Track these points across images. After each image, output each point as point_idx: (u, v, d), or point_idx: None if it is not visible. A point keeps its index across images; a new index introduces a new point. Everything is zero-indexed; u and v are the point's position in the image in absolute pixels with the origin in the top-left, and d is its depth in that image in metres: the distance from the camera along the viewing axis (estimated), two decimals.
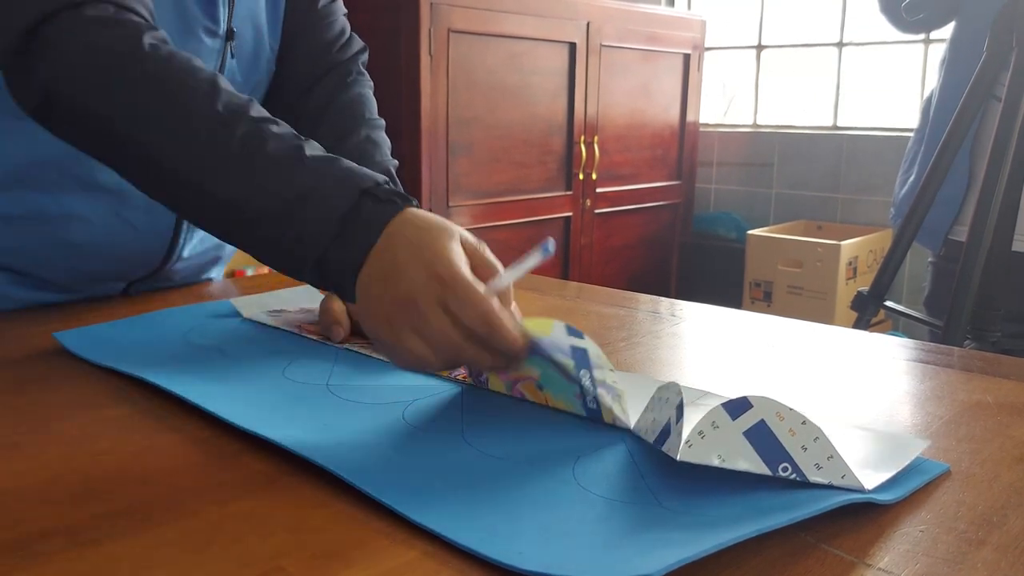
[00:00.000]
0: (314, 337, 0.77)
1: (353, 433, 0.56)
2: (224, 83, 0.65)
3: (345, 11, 1.00)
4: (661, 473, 0.50)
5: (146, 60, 0.64)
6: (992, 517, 0.47)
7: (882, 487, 0.49)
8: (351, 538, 0.44)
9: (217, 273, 1.09)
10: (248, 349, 0.74)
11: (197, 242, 0.97)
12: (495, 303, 0.56)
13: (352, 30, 1.02)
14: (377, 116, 0.95)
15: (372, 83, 0.98)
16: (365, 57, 0.99)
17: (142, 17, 0.69)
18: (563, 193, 2.99)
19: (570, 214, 3.02)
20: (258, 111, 0.64)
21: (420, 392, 0.64)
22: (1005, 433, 0.59)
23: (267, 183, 0.60)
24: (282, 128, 0.63)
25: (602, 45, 3.01)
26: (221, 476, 0.51)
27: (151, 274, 0.96)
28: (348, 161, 0.62)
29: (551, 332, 0.56)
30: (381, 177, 0.62)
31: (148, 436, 0.57)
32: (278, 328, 0.80)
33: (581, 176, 3.02)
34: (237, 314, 0.84)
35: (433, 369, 0.58)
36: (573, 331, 0.56)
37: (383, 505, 0.46)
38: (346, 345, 0.75)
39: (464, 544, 0.42)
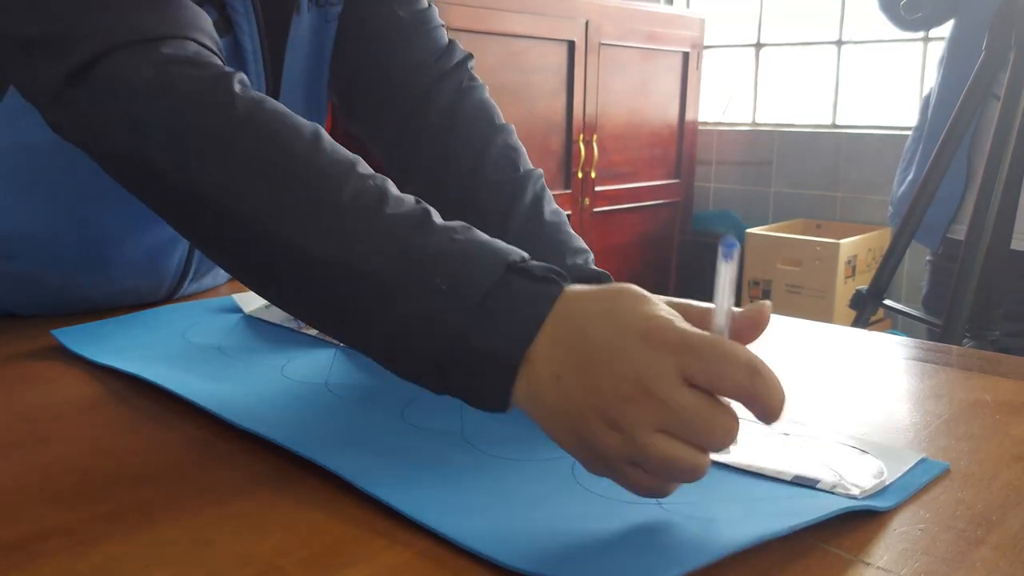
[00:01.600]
0: (312, 333, 0.77)
1: (352, 432, 0.56)
2: (326, 136, 0.55)
3: (442, 23, 0.88)
4: None
5: (240, 110, 0.54)
6: (991, 516, 0.47)
7: (878, 495, 0.48)
8: (350, 537, 0.44)
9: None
10: (247, 347, 0.74)
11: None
12: (744, 351, 0.42)
13: None
14: (504, 121, 0.83)
15: (486, 87, 0.87)
16: (473, 63, 0.88)
17: (216, 53, 0.60)
18: (562, 192, 2.99)
19: (569, 213, 3.02)
20: (366, 168, 0.53)
21: (420, 391, 0.63)
22: (1004, 432, 0.59)
23: (387, 245, 0.48)
24: (396, 189, 0.52)
25: (601, 43, 3.01)
26: (220, 475, 0.51)
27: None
28: (482, 233, 0.50)
29: None
30: (525, 254, 0.49)
31: (147, 435, 0.57)
32: (277, 324, 0.80)
33: (580, 175, 3.02)
34: (238, 310, 0.83)
35: (701, 470, 0.42)
36: None
37: (382, 504, 0.46)
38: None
39: (463, 543, 0.42)
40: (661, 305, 0.45)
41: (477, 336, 0.45)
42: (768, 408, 0.42)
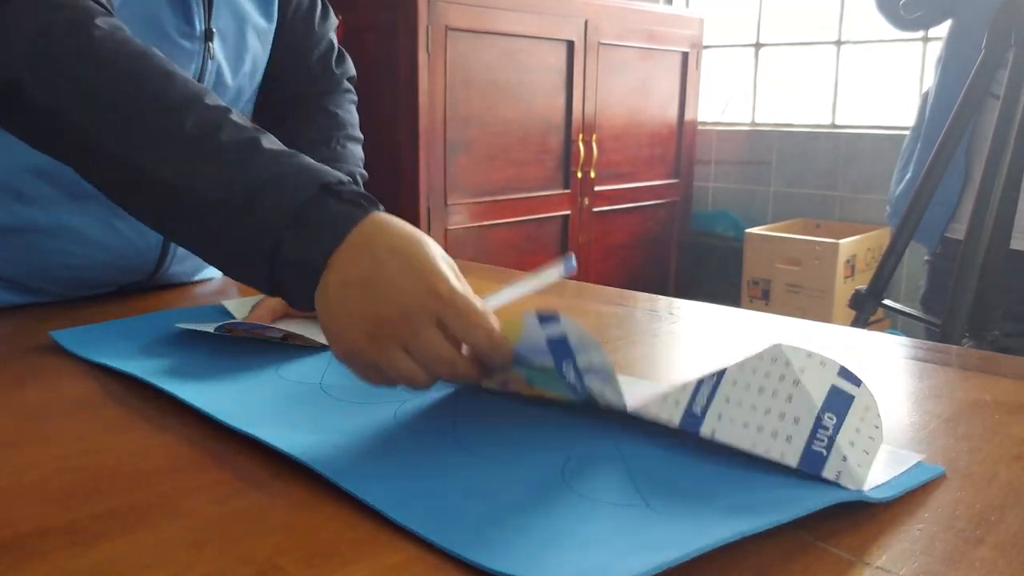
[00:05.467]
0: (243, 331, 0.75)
1: (344, 433, 0.56)
2: (178, 71, 0.62)
3: (336, 24, 1.05)
4: (651, 474, 0.50)
5: (96, 45, 0.62)
6: (990, 516, 0.47)
7: (874, 489, 0.48)
8: (348, 536, 0.44)
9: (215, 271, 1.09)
10: (244, 348, 0.74)
11: None
12: (494, 320, 0.54)
13: (350, 28, 1.04)
14: (359, 132, 1.00)
15: (356, 100, 1.05)
16: (354, 80, 1.06)
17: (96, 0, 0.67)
18: (561, 191, 2.99)
19: (568, 212, 3.02)
20: (213, 99, 0.61)
21: (413, 392, 0.63)
22: (1003, 432, 0.59)
23: (220, 171, 0.57)
24: (239, 118, 0.60)
25: (600, 43, 3.01)
26: (218, 475, 0.51)
27: (146, 279, 0.96)
28: (307, 157, 0.59)
29: (523, 331, 0.55)
30: (344, 176, 0.58)
31: (145, 435, 0.57)
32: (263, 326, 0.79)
33: (579, 174, 3.02)
34: (229, 315, 0.83)
35: (418, 386, 0.55)
36: (546, 318, 0.54)
37: None
38: (287, 338, 0.74)
39: (446, 546, 0.42)
40: (447, 261, 0.55)
41: (288, 247, 0.54)
42: (489, 363, 0.55)
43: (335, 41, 1.04)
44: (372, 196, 0.57)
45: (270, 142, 0.59)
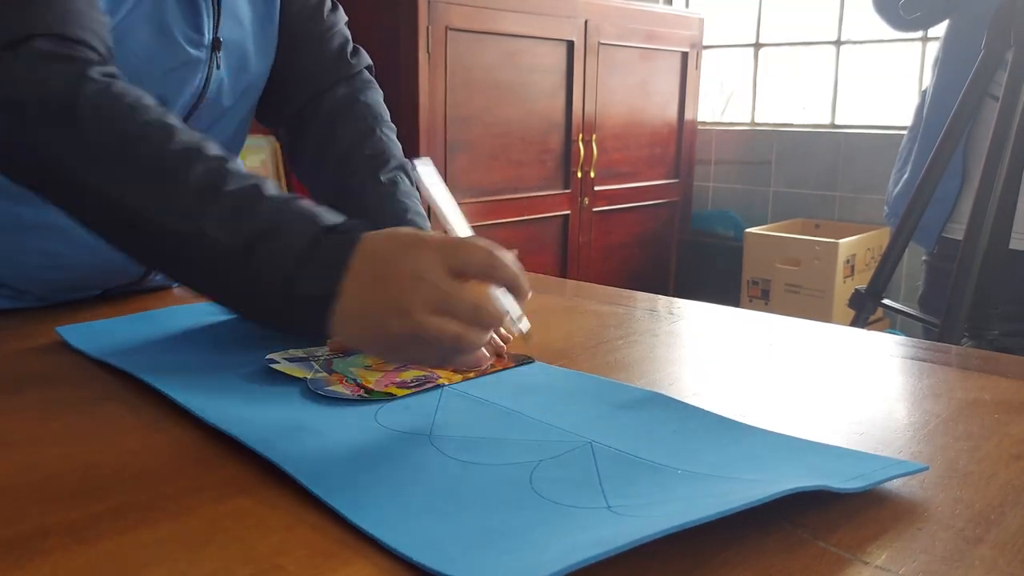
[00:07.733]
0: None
1: (328, 435, 0.56)
2: (176, 120, 0.64)
3: (346, 19, 1.02)
4: (620, 477, 0.50)
5: (92, 98, 0.62)
6: (990, 515, 0.47)
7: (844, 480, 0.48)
8: (349, 535, 0.44)
9: None
10: (242, 346, 0.74)
11: None
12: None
13: (351, 28, 1.03)
14: (390, 120, 0.98)
15: (381, 92, 1.01)
16: (372, 70, 1.02)
17: (92, 47, 0.66)
18: (561, 191, 2.99)
19: (568, 212, 3.02)
20: (213, 149, 0.63)
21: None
22: (1003, 431, 0.59)
23: (227, 218, 0.59)
24: (238, 166, 0.63)
25: (600, 43, 3.01)
26: (219, 474, 0.51)
27: (133, 282, 0.95)
28: (306, 200, 0.62)
29: None
30: (339, 218, 0.61)
31: (147, 434, 0.57)
32: None
33: (579, 174, 3.02)
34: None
35: (468, 341, 0.55)
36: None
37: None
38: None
39: (395, 547, 0.42)
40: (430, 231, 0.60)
41: (301, 285, 0.57)
42: (509, 278, 0.57)
43: (348, 35, 1.01)
44: (367, 222, 0.60)
45: (271, 189, 0.61)
